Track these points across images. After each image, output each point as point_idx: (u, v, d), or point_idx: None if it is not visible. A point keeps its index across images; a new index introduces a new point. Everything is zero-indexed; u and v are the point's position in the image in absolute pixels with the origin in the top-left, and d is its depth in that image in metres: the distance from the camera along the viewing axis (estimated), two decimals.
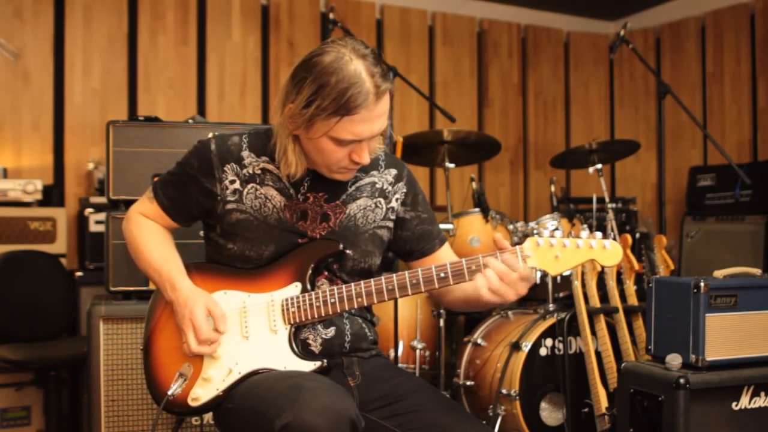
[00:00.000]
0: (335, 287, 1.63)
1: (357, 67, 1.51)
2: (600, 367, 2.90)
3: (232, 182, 1.69)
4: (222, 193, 1.69)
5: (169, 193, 1.74)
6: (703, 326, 2.15)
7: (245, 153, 1.70)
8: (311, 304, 1.62)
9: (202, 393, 1.62)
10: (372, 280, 1.61)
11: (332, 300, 1.62)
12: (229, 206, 1.69)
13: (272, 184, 1.69)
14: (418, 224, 1.81)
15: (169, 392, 1.61)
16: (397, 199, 1.79)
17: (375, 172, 1.78)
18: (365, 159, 1.61)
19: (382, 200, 1.77)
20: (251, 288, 1.67)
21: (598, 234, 1.59)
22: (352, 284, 1.62)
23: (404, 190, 1.80)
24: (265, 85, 4.54)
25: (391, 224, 1.78)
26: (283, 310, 1.64)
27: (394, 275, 1.60)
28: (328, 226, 1.70)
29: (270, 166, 1.70)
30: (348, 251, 1.69)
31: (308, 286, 1.65)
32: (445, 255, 1.83)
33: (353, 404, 1.47)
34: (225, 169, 1.68)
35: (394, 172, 1.80)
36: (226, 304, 1.66)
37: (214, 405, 1.63)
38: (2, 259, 3.25)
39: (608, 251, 1.57)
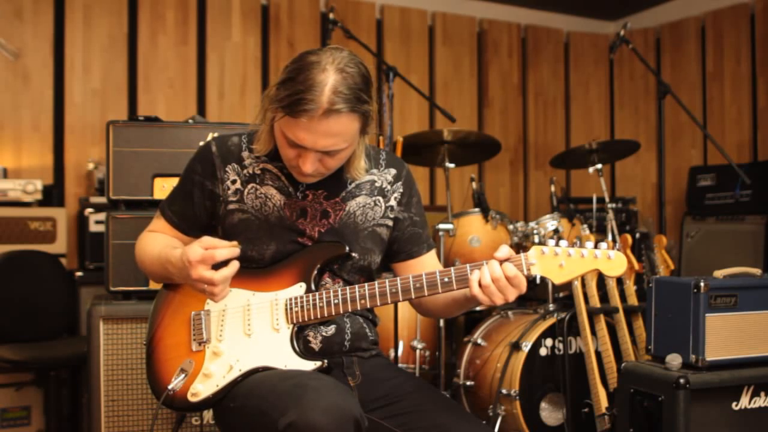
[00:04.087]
0: (339, 289, 1.63)
1: (325, 78, 1.48)
2: (600, 367, 2.90)
3: (234, 182, 1.70)
4: (224, 194, 1.70)
5: (177, 209, 1.75)
6: (703, 326, 2.16)
7: (245, 153, 1.72)
8: (314, 305, 1.63)
9: (202, 388, 1.63)
10: (376, 282, 1.62)
11: (335, 301, 1.62)
12: (231, 206, 1.69)
13: (272, 183, 1.70)
14: (409, 225, 1.81)
15: (170, 386, 1.61)
16: (395, 198, 1.79)
17: (375, 171, 1.78)
18: (306, 169, 1.57)
19: (381, 198, 1.77)
20: (256, 287, 1.67)
21: (603, 245, 1.60)
22: (356, 286, 1.63)
23: (401, 190, 1.80)
24: (265, 85, 4.54)
25: (390, 222, 1.79)
26: (286, 310, 1.64)
27: (398, 279, 1.61)
28: (328, 223, 1.71)
29: (269, 166, 1.71)
30: (352, 253, 1.70)
31: (312, 287, 1.65)
32: (430, 261, 1.83)
33: (357, 403, 1.48)
34: (227, 169, 1.70)
35: (393, 171, 1.80)
36: (231, 301, 1.66)
37: (213, 401, 1.63)
38: (2, 259, 3.25)
39: (612, 262, 1.59)
